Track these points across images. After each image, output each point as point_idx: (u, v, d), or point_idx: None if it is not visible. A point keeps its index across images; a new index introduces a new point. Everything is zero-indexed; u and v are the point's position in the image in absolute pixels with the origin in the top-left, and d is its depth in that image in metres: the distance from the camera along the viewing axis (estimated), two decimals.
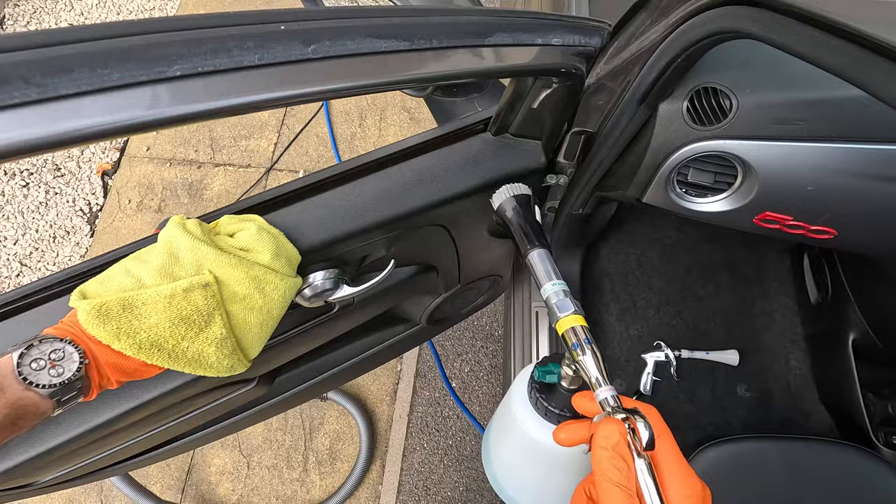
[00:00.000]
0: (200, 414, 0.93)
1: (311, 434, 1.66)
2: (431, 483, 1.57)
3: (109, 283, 0.46)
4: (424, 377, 1.68)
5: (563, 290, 0.49)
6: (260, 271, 0.50)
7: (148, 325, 0.45)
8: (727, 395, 1.26)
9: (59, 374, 0.40)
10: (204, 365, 0.50)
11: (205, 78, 0.35)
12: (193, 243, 0.48)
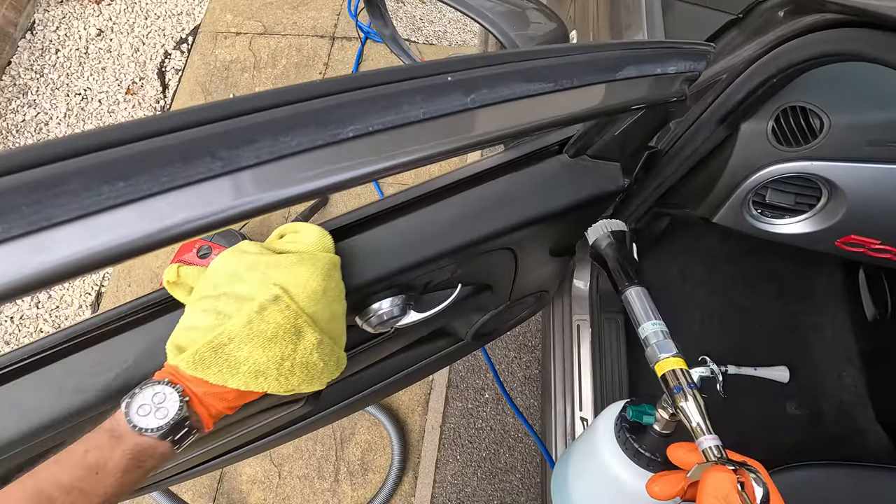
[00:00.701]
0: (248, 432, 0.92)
1: (343, 444, 1.65)
2: (465, 496, 1.55)
3: (194, 330, 0.45)
4: (457, 388, 1.65)
5: (662, 331, 0.48)
6: (324, 259, 0.49)
7: (244, 358, 0.45)
8: (776, 414, 1.23)
9: (164, 416, 0.41)
10: (315, 374, 0.49)
11: (373, 137, 0.35)
12: (251, 259, 0.47)
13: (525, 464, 1.56)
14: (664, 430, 0.46)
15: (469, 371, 1.67)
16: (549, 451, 1.24)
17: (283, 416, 0.93)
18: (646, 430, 0.46)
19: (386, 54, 2.12)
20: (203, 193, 0.33)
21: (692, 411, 0.41)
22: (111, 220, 0.32)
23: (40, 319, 1.93)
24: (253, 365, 0.45)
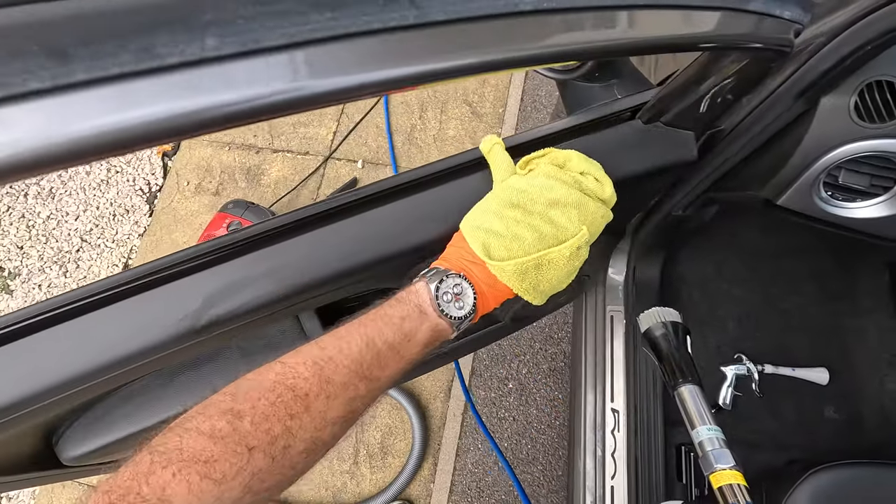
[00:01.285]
0: None
1: (363, 427, 1.64)
2: (485, 485, 1.53)
3: (511, 239, 0.49)
4: (480, 376, 1.64)
5: (719, 439, 0.47)
6: (610, 215, 0.55)
7: (549, 278, 0.50)
8: (814, 416, 1.19)
9: (461, 308, 0.48)
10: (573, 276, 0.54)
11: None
12: (574, 194, 0.51)
13: (547, 456, 1.54)
14: None
15: (493, 360, 1.65)
16: (578, 440, 1.22)
17: None
18: None
19: None
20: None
21: None
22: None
23: (68, 288, 1.95)
24: (554, 285, 0.51)
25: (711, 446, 0.46)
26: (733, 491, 0.43)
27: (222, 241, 0.53)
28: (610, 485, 1.16)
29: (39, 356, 0.50)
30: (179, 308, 0.51)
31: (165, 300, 0.51)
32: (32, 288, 1.96)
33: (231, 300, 0.52)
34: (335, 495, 1.58)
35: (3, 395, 0.49)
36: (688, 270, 1.34)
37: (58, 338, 0.50)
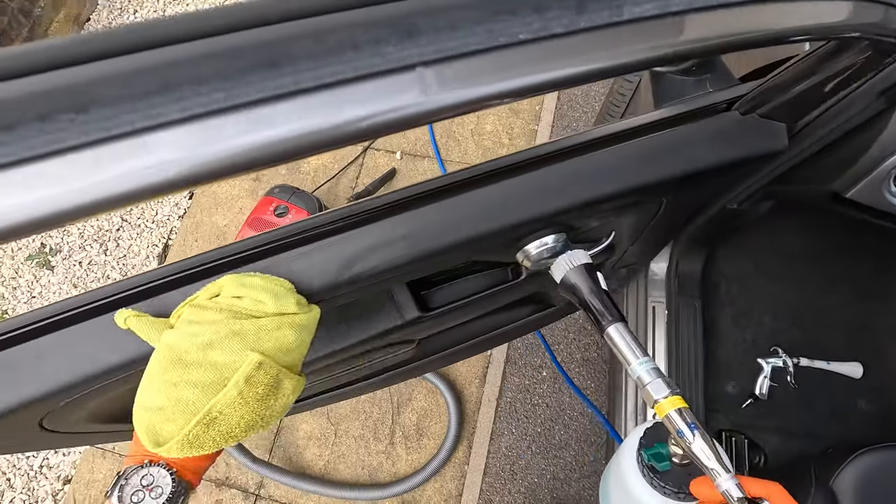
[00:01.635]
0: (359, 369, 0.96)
1: (399, 408, 1.69)
2: (518, 468, 1.58)
3: (171, 409, 0.44)
4: (515, 364, 1.69)
5: (653, 369, 0.47)
6: (301, 320, 0.50)
7: (236, 422, 0.45)
8: (846, 408, 1.25)
9: (160, 495, 0.45)
10: (287, 407, 0.50)
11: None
12: (223, 326, 0.46)
13: (579, 442, 1.59)
14: (683, 462, 0.48)
15: (528, 349, 1.70)
16: (619, 427, 1.27)
17: (393, 356, 0.97)
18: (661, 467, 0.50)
19: None
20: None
21: (702, 454, 0.42)
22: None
23: (108, 266, 1.99)
24: (244, 425, 0.46)
25: (649, 378, 0.46)
26: (680, 415, 0.43)
27: (363, 205, 0.58)
28: None
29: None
30: (327, 263, 0.55)
31: (316, 255, 0.55)
32: (73, 265, 2.00)
33: (370, 259, 0.57)
34: (371, 474, 1.62)
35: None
36: (727, 266, 1.39)
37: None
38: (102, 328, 0.52)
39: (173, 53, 0.30)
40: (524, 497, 1.55)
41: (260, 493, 1.63)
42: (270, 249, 0.55)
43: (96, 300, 0.52)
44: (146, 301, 0.52)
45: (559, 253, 0.68)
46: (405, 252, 0.57)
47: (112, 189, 0.30)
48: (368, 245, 0.57)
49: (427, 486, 1.59)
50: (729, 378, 1.32)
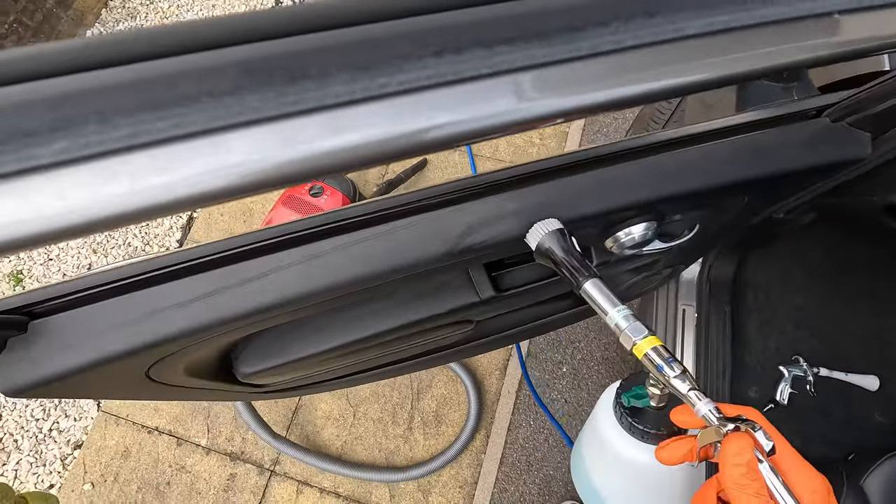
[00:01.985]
0: (417, 346, 0.98)
1: (419, 395, 1.70)
2: (535, 460, 1.61)
3: None
4: (535, 358, 1.72)
5: (631, 315, 0.48)
6: None
7: None
8: (863, 419, 1.30)
9: None
10: None
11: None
12: None
13: None
14: (659, 404, 0.49)
15: (549, 345, 1.73)
16: None
17: (451, 335, 0.99)
18: (643, 409, 0.50)
19: None
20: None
21: (681, 384, 0.42)
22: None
23: (129, 233, 1.98)
24: None
25: (627, 323, 0.47)
26: (657, 353, 0.44)
27: (480, 179, 0.60)
28: None
29: (333, 259, 0.57)
30: (445, 231, 0.57)
31: (435, 223, 0.57)
32: None
33: (483, 232, 0.59)
34: (388, 457, 1.64)
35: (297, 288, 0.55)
36: (754, 275, 1.44)
37: (346, 244, 0.57)
38: (211, 280, 0.55)
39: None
40: (539, 488, 1.58)
41: (275, 470, 1.64)
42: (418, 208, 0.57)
43: (201, 257, 0.54)
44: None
45: (649, 241, 0.71)
46: (510, 229, 0.60)
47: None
48: (484, 218, 0.59)
49: (443, 472, 1.61)
50: (752, 383, 1.36)
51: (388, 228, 0.58)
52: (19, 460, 1.70)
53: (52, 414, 1.74)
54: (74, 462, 1.68)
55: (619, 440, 0.52)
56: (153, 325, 0.55)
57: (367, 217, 0.59)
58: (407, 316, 0.82)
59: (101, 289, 0.52)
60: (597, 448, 0.56)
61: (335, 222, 0.58)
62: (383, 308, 0.83)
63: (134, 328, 0.54)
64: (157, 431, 1.70)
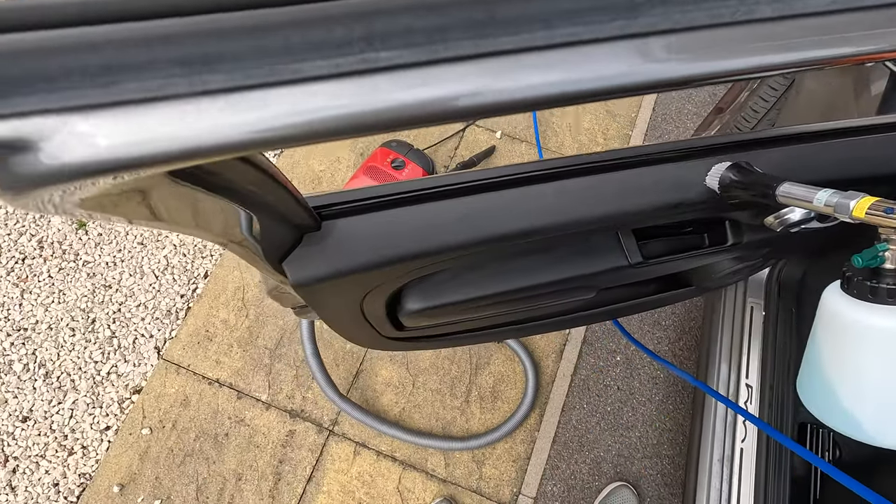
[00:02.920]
0: (542, 307, 1.04)
1: (477, 370, 1.76)
2: (586, 441, 1.68)
3: None
4: (591, 345, 1.79)
5: (834, 191, 0.47)
6: None
7: None
8: None
9: None
10: None
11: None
12: None
13: (645, 425, 1.70)
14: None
15: (605, 333, 1.81)
16: (708, 407, 1.39)
17: (569, 302, 1.05)
18: (879, 271, 0.45)
19: None
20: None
21: None
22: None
23: None
24: None
25: (836, 196, 0.45)
26: (879, 205, 0.42)
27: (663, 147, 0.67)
28: (739, 447, 1.33)
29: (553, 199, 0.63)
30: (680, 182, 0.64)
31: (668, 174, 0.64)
32: None
33: (644, 197, 0.66)
34: (444, 427, 1.69)
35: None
36: (817, 280, 1.53)
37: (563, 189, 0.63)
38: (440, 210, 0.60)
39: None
40: (589, 468, 1.65)
41: (333, 430, 1.68)
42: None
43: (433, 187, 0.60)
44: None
45: (812, 220, 0.79)
46: (670, 199, 0.67)
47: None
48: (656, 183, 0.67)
49: (498, 445, 1.67)
50: None
51: (622, 176, 0.65)
52: (76, 400, 1.71)
53: (111, 358, 1.76)
54: (133, 407, 1.70)
55: (867, 315, 0.44)
56: (429, 236, 0.60)
57: (596, 165, 0.66)
58: (560, 272, 0.88)
59: (381, 200, 0.58)
60: (837, 350, 0.48)
61: (580, 165, 0.64)
62: (540, 262, 0.89)
63: (411, 237, 0.59)
64: (218, 383, 1.73)
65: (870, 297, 0.45)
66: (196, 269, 1.88)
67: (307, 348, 1.60)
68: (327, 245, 0.56)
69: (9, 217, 1.92)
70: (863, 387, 0.48)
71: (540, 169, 0.67)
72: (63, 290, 1.83)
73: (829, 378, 0.50)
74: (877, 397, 0.47)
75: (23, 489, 1.61)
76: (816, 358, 0.52)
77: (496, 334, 1.13)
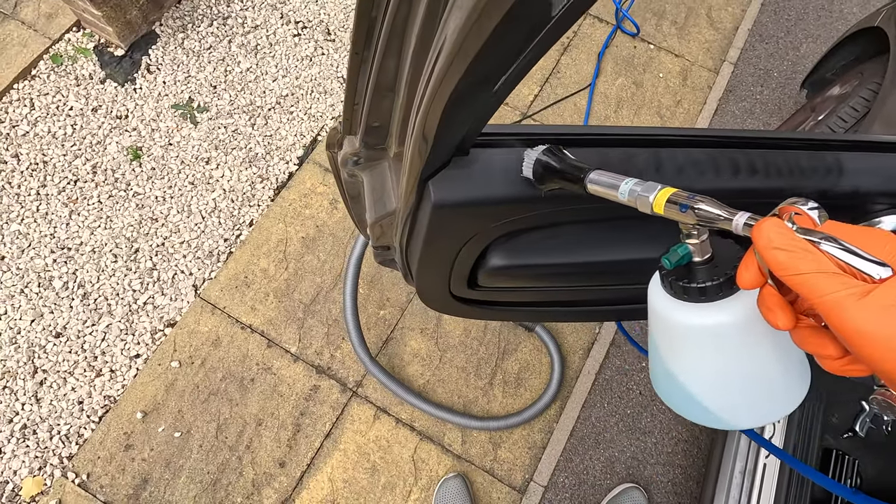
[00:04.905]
0: (602, 290, 1.06)
1: (504, 355, 1.78)
2: (603, 440, 1.70)
3: None
4: (619, 347, 1.81)
5: (637, 181, 0.46)
6: None
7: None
8: None
9: None
10: None
11: None
12: None
13: (662, 432, 1.72)
14: (704, 257, 0.43)
15: (635, 337, 1.83)
16: None
17: (623, 288, 1.08)
18: (691, 267, 0.43)
19: (629, 48, 2.30)
20: None
21: (711, 208, 0.39)
22: None
23: (252, 139, 2.03)
24: None
25: (639, 187, 0.45)
26: (676, 197, 0.41)
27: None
28: (763, 462, 1.35)
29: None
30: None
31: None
32: (218, 127, 2.03)
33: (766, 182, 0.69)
34: (466, 405, 1.71)
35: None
36: None
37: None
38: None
39: None
40: (602, 465, 1.67)
41: (357, 391, 1.70)
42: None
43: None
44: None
45: None
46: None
47: None
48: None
49: (515, 431, 1.69)
50: (835, 409, 1.47)
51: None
52: (109, 324, 1.73)
53: (149, 289, 1.78)
54: (164, 339, 1.73)
55: (681, 313, 0.42)
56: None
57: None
58: (631, 253, 0.91)
59: (531, 138, 0.60)
60: (667, 342, 0.46)
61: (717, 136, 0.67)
62: (618, 239, 0.92)
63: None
64: (251, 329, 1.75)
65: (685, 297, 0.42)
66: (243, 215, 1.91)
67: (348, 305, 1.62)
68: (473, 171, 0.58)
69: (66, 139, 1.95)
70: (700, 379, 0.45)
71: (673, 134, 0.69)
72: (111, 216, 1.86)
73: (670, 370, 0.47)
74: (714, 388, 0.45)
75: (48, 402, 1.63)
76: (656, 351, 0.49)
77: (559, 313, 1.15)
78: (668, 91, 2.23)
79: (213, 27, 2.18)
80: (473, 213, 0.62)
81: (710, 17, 2.41)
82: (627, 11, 2.33)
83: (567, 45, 2.28)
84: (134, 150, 1.96)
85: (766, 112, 2.22)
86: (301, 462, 1.62)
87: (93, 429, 1.62)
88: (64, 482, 1.56)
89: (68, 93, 2.02)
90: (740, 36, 2.37)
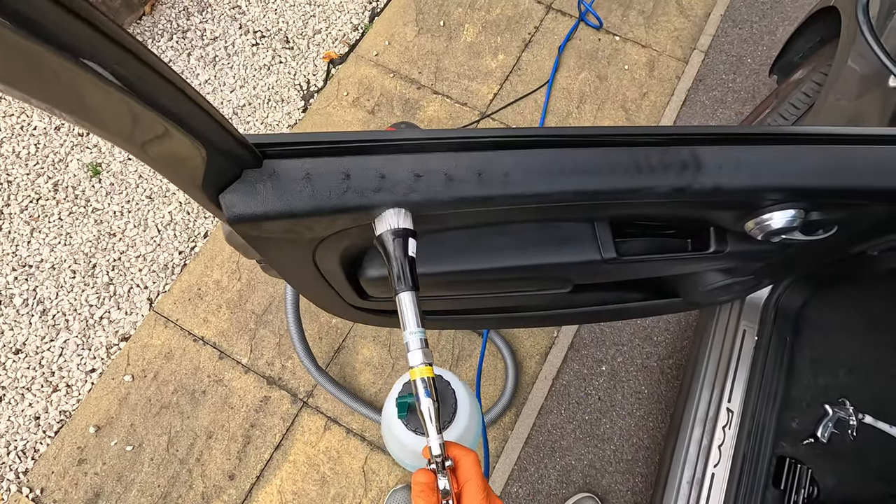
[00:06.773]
0: (514, 297, 1.02)
1: (458, 361, 1.74)
2: (559, 447, 1.64)
3: None
4: (577, 351, 1.75)
5: (422, 339, 0.54)
6: None
7: None
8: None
9: None
10: None
11: None
12: None
13: (622, 439, 1.65)
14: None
15: (593, 342, 1.76)
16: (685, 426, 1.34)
17: (548, 294, 1.03)
18: (413, 408, 0.76)
19: (593, 41, 2.23)
20: None
21: (426, 414, 0.51)
22: None
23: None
24: None
25: (416, 346, 0.52)
26: (423, 382, 0.51)
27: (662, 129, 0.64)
28: (711, 472, 1.28)
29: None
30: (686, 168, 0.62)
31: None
32: None
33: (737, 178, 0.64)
34: None
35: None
36: (814, 314, 1.46)
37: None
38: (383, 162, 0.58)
39: None
40: (558, 474, 1.61)
41: (308, 402, 1.68)
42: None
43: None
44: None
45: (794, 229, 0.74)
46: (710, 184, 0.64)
47: None
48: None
49: None
50: (796, 414, 1.39)
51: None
52: (67, 340, 1.75)
53: (105, 303, 1.80)
54: (119, 353, 1.74)
55: (400, 429, 0.79)
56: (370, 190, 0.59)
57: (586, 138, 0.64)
58: (530, 258, 0.86)
59: (328, 147, 0.57)
60: (387, 427, 0.86)
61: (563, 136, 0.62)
62: (512, 245, 0.87)
63: (349, 189, 0.58)
64: (203, 341, 1.75)
65: (403, 421, 0.80)
66: (198, 227, 1.91)
67: (289, 315, 1.60)
68: (265, 183, 0.55)
69: (30, 157, 1.99)
70: (400, 455, 0.91)
71: (499, 136, 0.65)
72: (70, 233, 1.89)
73: (387, 438, 0.92)
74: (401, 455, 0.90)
75: (6, 418, 1.66)
76: (385, 424, 0.90)
77: (463, 321, 1.11)
78: (633, 83, 2.15)
79: (173, 41, 2.20)
80: (282, 226, 0.59)
81: (679, 4, 2.32)
82: (591, 5, 2.26)
83: (528, 41, 2.23)
84: (94, 166, 1.99)
85: (739, 101, 2.12)
86: (250, 474, 1.61)
87: (48, 444, 1.64)
88: (19, 497, 1.58)
89: (32, 112, 2.06)
90: (712, 23, 2.28)
